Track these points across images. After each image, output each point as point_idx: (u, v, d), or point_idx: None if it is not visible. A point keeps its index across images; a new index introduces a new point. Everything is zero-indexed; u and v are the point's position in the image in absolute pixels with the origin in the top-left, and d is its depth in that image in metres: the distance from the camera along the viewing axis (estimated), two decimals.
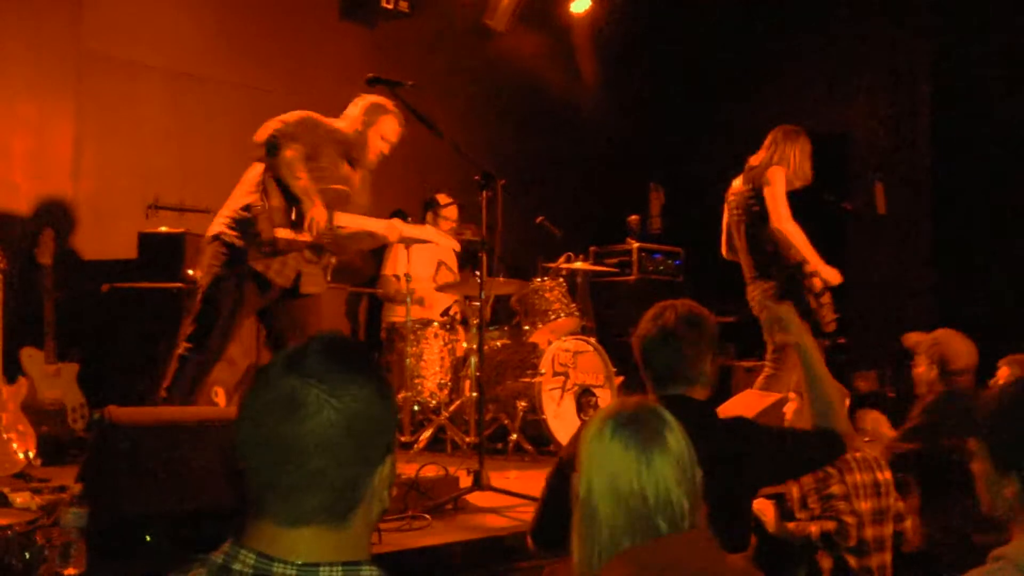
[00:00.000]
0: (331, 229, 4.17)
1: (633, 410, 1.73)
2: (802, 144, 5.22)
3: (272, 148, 4.01)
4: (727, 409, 4.67)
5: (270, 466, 1.20)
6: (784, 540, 3.66)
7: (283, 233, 4.06)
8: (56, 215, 5.49)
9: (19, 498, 3.08)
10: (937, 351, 4.04)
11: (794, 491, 3.64)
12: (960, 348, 4.03)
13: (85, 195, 5.67)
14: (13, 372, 4.64)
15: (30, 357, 4.74)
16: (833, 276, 5.00)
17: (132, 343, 5.33)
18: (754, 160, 5.21)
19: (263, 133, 4.06)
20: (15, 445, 4.19)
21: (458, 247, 5.35)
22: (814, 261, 4.98)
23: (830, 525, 3.42)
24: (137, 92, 5.86)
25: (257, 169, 4.13)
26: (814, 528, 3.48)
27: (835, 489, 3.46)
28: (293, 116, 4.11)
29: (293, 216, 4.09)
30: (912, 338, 4.34)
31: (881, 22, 7.61)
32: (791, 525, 3.61)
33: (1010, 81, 6.88)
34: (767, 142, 5.20)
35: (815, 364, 2.65)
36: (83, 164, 5.67)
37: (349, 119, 4.35)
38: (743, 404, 4.64)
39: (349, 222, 4.32)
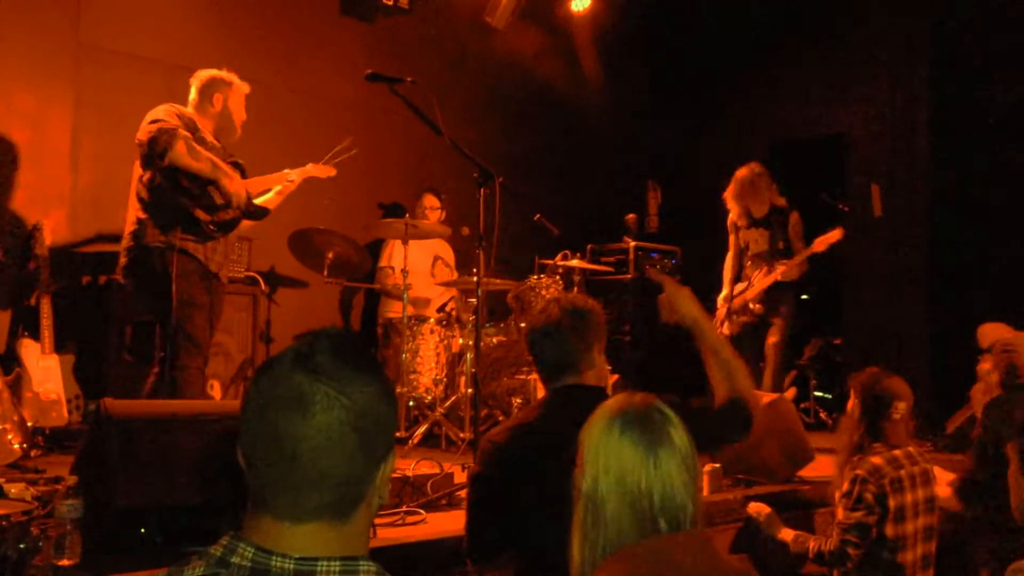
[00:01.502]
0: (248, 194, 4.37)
1: (640, 408, 1.73)
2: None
3: (163, 146, 4.06)
4: None
5: (275, 462, 1.20)
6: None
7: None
8: (53, 207, 5.49)
9: (14, 489, 3.08)
10: (1007, 359, 3.94)
11: (836, 495, 3.46)
12: None
13: (82, 187, 5.67)
14: (9, 363, 4.65)
15: (26, 348, 4.75)
16: None
17: (128, 335, 5.33)
18: None
19: (143, 135, 4.14)
20: (10, 436, 4.19)
21: (332, 172, 5.02)
22: None
23: (831, 545, 3.30)
24: (135, 84, 5.84)
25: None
26: (812, 544, 3.42)
27: (860, 508, 3.27)
28: (163, 113, 4.18)
29: (217, 199, 4.21)
30: (988, 334, 4.28)
31: (879, 25, 7.62)
32: (789, 536, 3.58)
33: (1009, 83, 6.89)
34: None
35: (710, 334, 2.68)
36: (80, 156, 5.67)
37: (192, 102, 4.42)
38: None
39: (255, 186, 4.48)
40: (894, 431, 3.40)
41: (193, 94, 4.43)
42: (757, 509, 3.83)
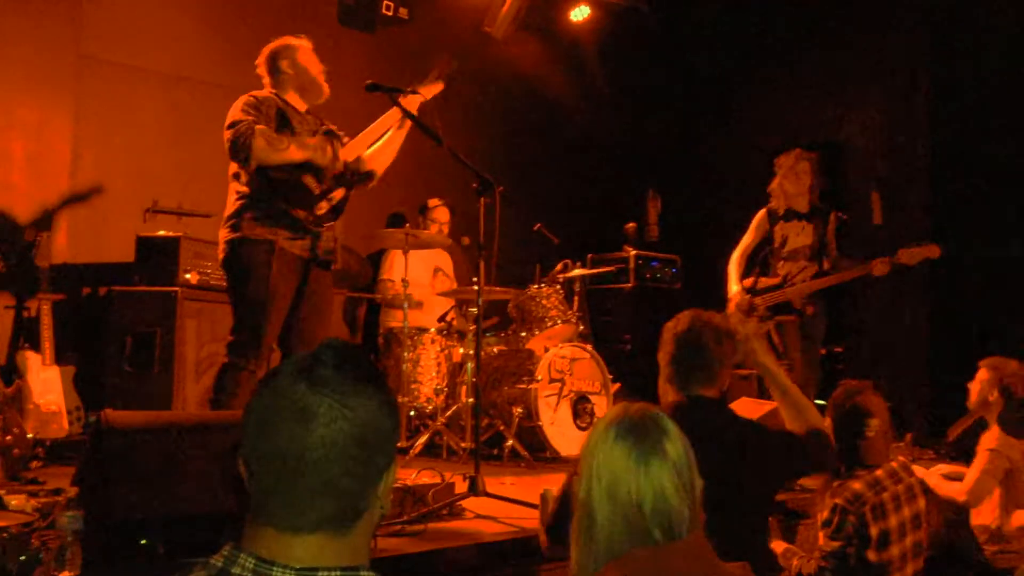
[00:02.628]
0: (344, 162, 4.16)
1: (635, 418, 1.74)
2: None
3: (243, 151, 3.86)
4: None
5: (278, 474, 1.20)
6: None
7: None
8: (54, 217, 5.50)
9: (15, 500, 3.08)
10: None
11: (820, 516, 3.41)
12: None
13: (83, 193, 5.67)
14: (9, 375, 4.65)
15: (27, 359, 4.74)
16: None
17: (128, 346, 5.32)
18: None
19: (225, 142, 3.91)
20: (12, 448, 4.19)
21: (441, 86, 4.48)
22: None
23: (810, 568, 3.19)
24: (136, 95, 5.86)
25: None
26: (795, 563, 3.29)
27: (840, 537, 3.16)
28: (236, 112, 3.96)
29: (314, 187, 4.01)
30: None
31: (878, 32, 7.64)
32: (780, 549, 3.55)
33: (1008, 91, 6.90)
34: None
35: (780, 377, 2.97)
36: (81, 167, 5.68)
37: (268, 85, 4.23)
38: (740, 410, 4.64)
39: (357, 145, 4.26)
40: (870, 450, 3.28)
41: (264, 75, 4.26)
42: None
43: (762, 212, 5.86)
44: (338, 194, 4.14)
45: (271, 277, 3.91)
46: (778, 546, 3.55)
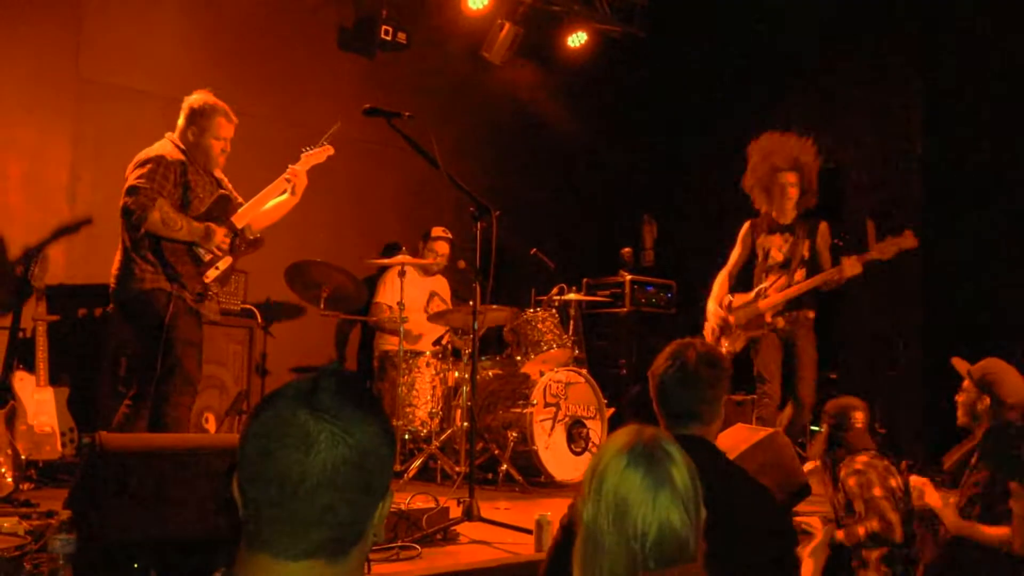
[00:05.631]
0: (238, 234, 4.46)
1: (648, 444, 1.72)
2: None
3: (137, 220, 4.19)
4: (718, 442, 4.66)
5: (276, 500, 1.20)
6: None
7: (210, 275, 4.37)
8: (51, 239, 5.50)
9: (7, 523, 3.06)
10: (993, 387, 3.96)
11: (839, 498, 3.76)
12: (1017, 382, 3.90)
13: (80, 219, 5.68)
14: (3, 396, 4.63)
15: (21, 381, 4.73)
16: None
17: (123, 368, 5.32)
18: None
19: (121, 200, 4.25)
20: (3, 469, 4.17)
21: (330, 151, 4.77)
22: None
23: (875, 524, 3.52)
24: (134, 118, 5.87)
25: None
26: (861, 530, 3.55)
27: (876, 491, 3.58)
28: (136, 178, 4.26)
29: (203, 255, 4.36)
30: (962, 365, 4.23)
31: (874, 58, 7.69)
32: (840, 534, 3.65)
33: (1003, 117, 6.94)
34: None
35: None
36: (79, 189, 5.69)
37: (180, 131, 4.48)
38: (734, 437, 4.64)
39: (248, 211, 4.53)
40: (858, 438, 3.85)
41: (180, 120, 4.51)
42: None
43: (746, 225, 5.83)
44: (224, 263, 4.44)
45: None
46: (831, 529, 3.66)
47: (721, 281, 5.81)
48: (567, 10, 7.90)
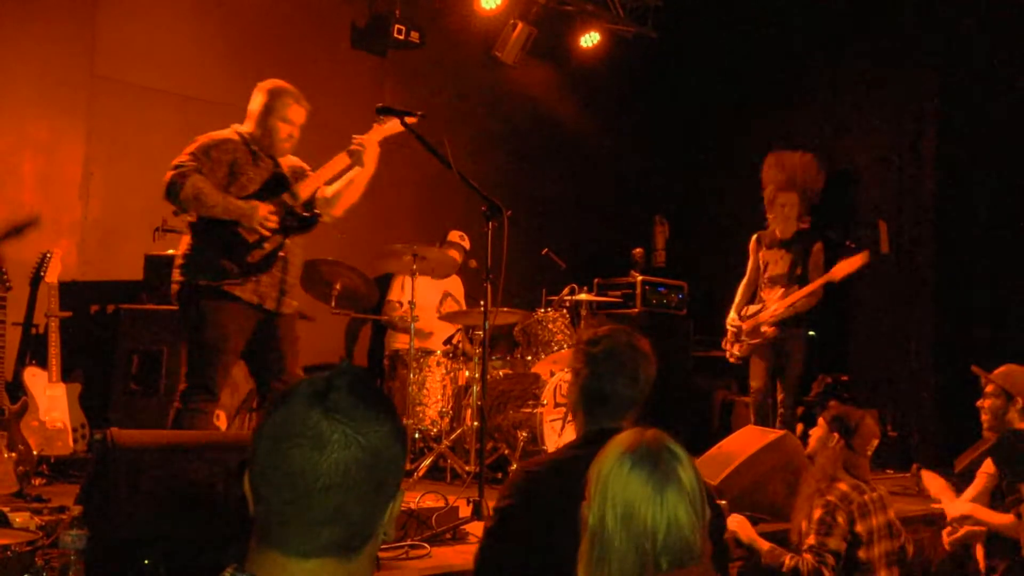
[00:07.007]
0: (290, 211, 4.15)
1: (651, 445, 1.73)
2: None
3: (170, 194, 3.93)
4: (729, 444, 4.66)
5: (288, 498, 1.20)
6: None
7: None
8: (63, 235, 5.53)
9: (19, 518, 3.08)
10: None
11: (803, 524, 3.55)
12: None
13: (93, 216, 5.71)
14: (16, 391, 4.66)
15: (33, 376, 4.76)
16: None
17: (135, 365, 5.33)
18: None
19: (164, 185, 3.96)
20: (16, 465, 4.19)
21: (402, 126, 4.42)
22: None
23: (808, 566, 3.32)
24: (147, 115, 5.91)
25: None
26: (787, 559, 3.42)
27: (835, 533, 3.37)
28: (184, 153, 4.02)
29: (248, 236, 4.05)
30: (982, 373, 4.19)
31: (887, 62, 7.66)
32: (765, 547, 3.58)
33: (1016, 121, 6.91)
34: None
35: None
36: (92, 186, 5.72)
37: (251, 116, 4.22)
38: (744, 439, 4.64)
39: (307, 187, 4.24)
40: (863, 465, 3.61)
41: (250, 109, 4.25)
42: (738, 523, 3.81)
43: (753, 239, 6.17)
44: (272, 243, 4.12)
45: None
46: (763, 544, 3.58)
47: (740, 292, 6.18)
48: (580, 10, 7.90)
